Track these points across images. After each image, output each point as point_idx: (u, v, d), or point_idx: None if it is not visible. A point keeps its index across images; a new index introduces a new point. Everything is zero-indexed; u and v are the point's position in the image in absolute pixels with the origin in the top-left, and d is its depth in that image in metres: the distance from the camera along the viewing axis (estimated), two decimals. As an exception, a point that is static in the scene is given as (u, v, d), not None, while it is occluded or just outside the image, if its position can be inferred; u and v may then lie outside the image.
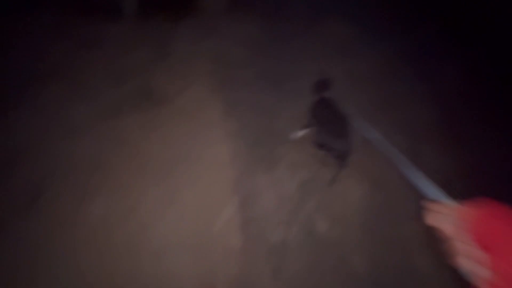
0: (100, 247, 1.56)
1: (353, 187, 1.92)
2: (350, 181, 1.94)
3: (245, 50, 2.88)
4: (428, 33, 3.37)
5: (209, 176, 1.89)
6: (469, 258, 0.44)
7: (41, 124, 2.11)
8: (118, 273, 1.50)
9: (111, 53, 2.79)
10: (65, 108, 2.23)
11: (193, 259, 1.58)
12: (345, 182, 1.93)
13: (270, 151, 2.06)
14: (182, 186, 1.84)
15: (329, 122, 1.82)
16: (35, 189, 1.74)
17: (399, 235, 1.75)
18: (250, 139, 2.11)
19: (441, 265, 1.60)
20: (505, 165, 2.16)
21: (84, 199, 1.72)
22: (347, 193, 1.90)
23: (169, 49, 2.87)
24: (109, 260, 1.53)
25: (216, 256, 1.60)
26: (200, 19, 3.30)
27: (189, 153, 2.00)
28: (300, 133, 2.09)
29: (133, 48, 2.85)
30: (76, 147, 1.98)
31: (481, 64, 3.00)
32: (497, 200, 0.44)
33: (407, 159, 0.65)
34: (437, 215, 0.49)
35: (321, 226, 1.73)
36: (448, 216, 0.47)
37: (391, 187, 1.92)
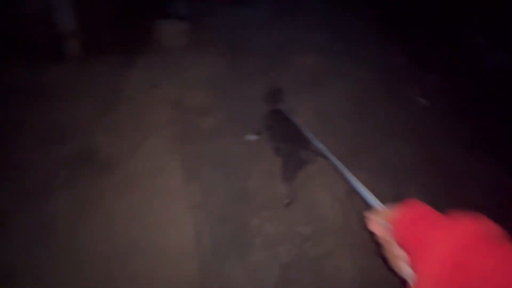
0: None
1: (346, 262, 1.59)
2: (344, 255, 1.61)
3: (208, 92, 2.56)
4: (400, 60, 3.29)
5: (167, 271, 1.48)
6: (397, 260, 0.45)
7: None
8: None
9: (48, 105, 2.34)
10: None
11: None
12: (336, 255, 1.61)
13: (243, 225, 1.69)
14: (130, 289, 1.41)
15: (284, 130, 2.02)
16: None
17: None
18: (218, 210, 1.74)
19: None
20: (491, 203, 1.97)
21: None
22: (339, 272, 1.56)
23: (119, 97, 2.47)
24: None
25: None
26: (156, 58, 2.96)
27: (140, 238, 1.58)
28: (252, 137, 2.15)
29: (75, 98, 2.42)
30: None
31: (456, 95, 2.91)
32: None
33: (345, 167, 0.74)
34: (373, 221, 0.51)
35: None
36: (380, 220, 0.49)
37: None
